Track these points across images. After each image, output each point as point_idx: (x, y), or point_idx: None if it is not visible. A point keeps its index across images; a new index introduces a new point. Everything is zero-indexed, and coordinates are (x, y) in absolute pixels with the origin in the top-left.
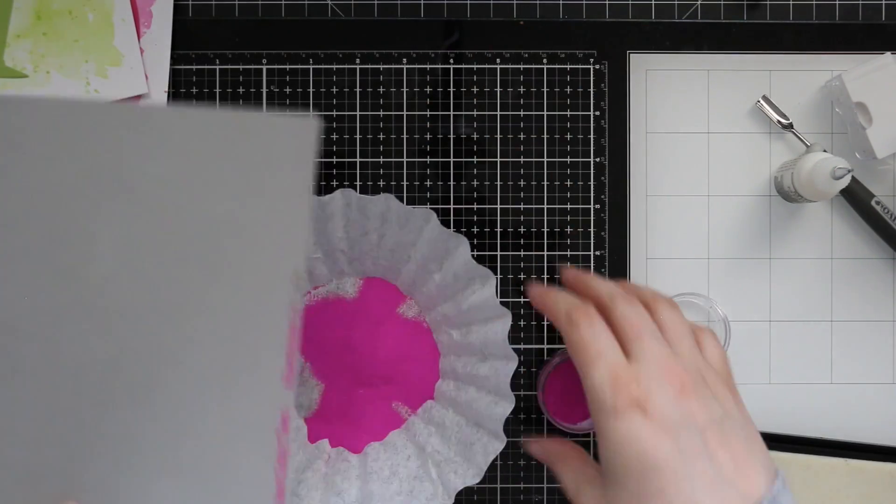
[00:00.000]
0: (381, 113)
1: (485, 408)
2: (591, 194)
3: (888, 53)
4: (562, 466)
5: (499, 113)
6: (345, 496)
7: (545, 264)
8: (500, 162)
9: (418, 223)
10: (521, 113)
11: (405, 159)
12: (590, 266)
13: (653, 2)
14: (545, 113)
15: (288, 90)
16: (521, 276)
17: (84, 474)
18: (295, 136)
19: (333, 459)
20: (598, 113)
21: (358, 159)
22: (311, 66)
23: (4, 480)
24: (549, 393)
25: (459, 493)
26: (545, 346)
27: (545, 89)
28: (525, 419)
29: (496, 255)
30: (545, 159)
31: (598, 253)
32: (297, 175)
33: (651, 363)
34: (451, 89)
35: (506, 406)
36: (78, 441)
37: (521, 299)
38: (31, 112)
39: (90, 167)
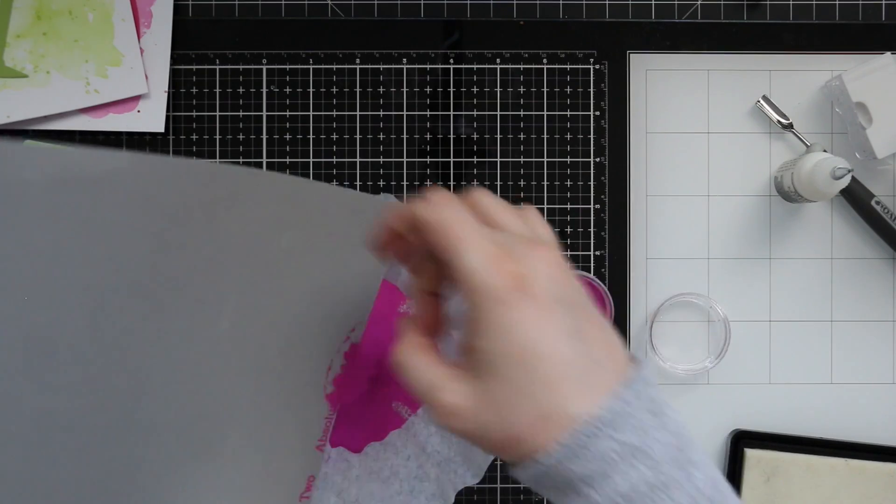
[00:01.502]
0: (381, 113)
1: None
2: (591, 194)
3: (888, 53)
4: (413, 366)
5: (499, 113)
6: (344, 496)
7: None
8: (500, 162)
9: None
10: (521, 113)
11: (405, 159)
12: (590, 267)
13: (653, 2)
14: (545, 113)
15: (288, 90)
16: None
17: None
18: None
19: (333, 459)
20: (598, 113)
21: (358, 159)
22: (311, 66)
23: None
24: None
25: (459, 493)
26: None
27: (545, 89)
28: None
29: None
30: (545, 159)
31: (598, 253)
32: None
33: (519, 240)
34: (451, 89)
35: None
36: (144, 488)
37: None
38: (193, 174)
39: (236, 233)
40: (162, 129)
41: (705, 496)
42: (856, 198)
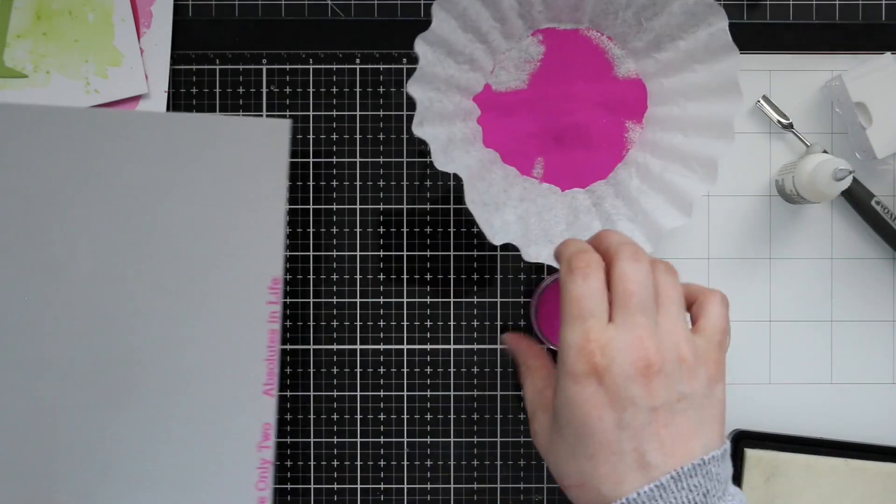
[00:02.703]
0: (381, 113)
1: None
2: None
3: (888, 53)
4: (526, 378)
5: None
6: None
7: (545, 265)
8: None
9: None
10: None
11: (405, 159)
12: None
13: None
14: None
15: (288, 90)
16: (522, 276)
17: (65, 478)
18: (268, 138)
19: (528, 185)
20: None
21: (358, 159)
22: (311, 66)
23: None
24: (542, 317)
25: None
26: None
27: None
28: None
29: (496, 255)
30: None
31: None
32: (272, 178)
33: (627, 336)
34: None
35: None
36: (59, 443)
37: (522, 299)
38: (7, 118)
39: (64, 170)
40: None
41: None
42: (856, 198)
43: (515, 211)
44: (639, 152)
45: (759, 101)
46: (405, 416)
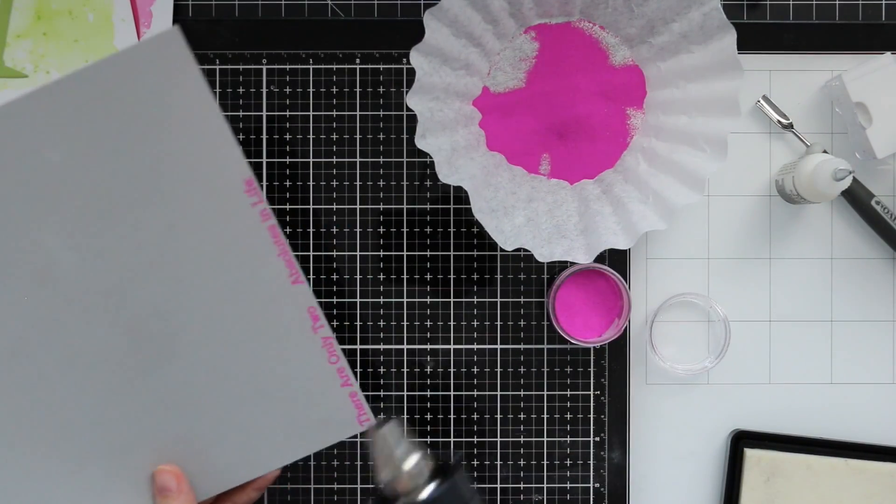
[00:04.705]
0: (381, 113)
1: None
2: None
3: (888, 53)
4: None
5: None
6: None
7: (545, 264)
8: None
9: None
10: None
11: (405, 159)
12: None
13: None
14: None
15: (288, 90)
16: (522, 276)
17: (165, 437)
18: (165, 52)
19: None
20: None
21: (358, 159)
22: (311, 66)
23: (93, 459)
24: (559, 312)
25: None
26: (545, 346)
27: None
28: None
29: (496, 255)
30: None
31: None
32: (190, 88)
33: None
34: None
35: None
36: (140, 412)
37: (522, 299)
38: None
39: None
40: None
41: None
42: (856, 198)
43: (524, 213)
44: (643, 138)
45: (759, 101)
46: (405, 416)
